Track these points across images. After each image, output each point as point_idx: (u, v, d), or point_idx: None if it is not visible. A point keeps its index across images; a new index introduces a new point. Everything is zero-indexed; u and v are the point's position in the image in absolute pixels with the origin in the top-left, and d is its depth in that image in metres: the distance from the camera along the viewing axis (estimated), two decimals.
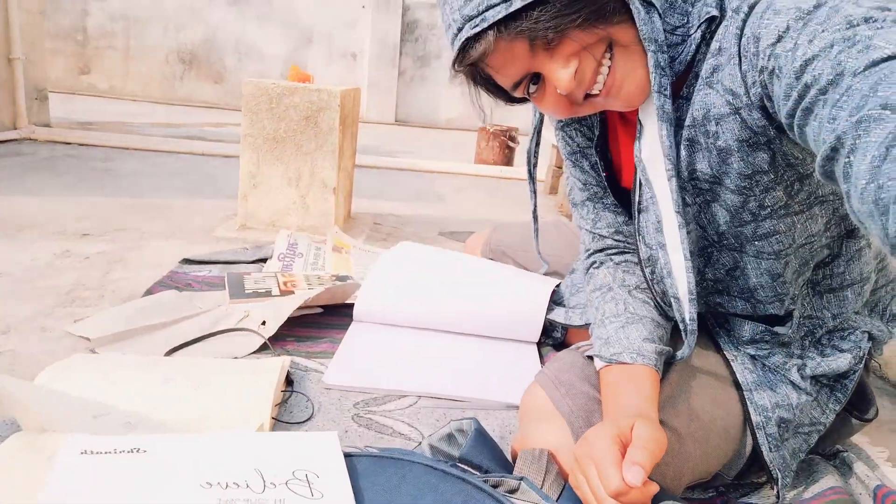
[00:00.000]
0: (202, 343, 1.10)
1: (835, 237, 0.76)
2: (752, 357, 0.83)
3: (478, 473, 0.67)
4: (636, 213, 0.78)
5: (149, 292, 1.30)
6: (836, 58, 0.50)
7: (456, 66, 0.68)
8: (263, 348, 1.09)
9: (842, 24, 0.51)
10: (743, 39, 0.61)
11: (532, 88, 0.69)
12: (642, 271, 0.82)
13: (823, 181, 0.52)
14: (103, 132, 3.54)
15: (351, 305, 1.27)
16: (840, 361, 0.81)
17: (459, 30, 0.64)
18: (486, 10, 0.61)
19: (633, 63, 0.65)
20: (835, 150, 0.47)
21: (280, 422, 0.88)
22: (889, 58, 0.46)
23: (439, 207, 2.59)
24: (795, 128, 0.55)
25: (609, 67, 0.65)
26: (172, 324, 1.15)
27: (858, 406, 0.87)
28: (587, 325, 1.13)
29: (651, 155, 0.70)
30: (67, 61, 6.40)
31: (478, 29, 0.62)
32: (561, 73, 0.64)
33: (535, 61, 0.65)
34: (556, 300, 1.25)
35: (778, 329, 0.80)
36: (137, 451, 0.56)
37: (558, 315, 1.21)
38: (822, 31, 0.52)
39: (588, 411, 0.73)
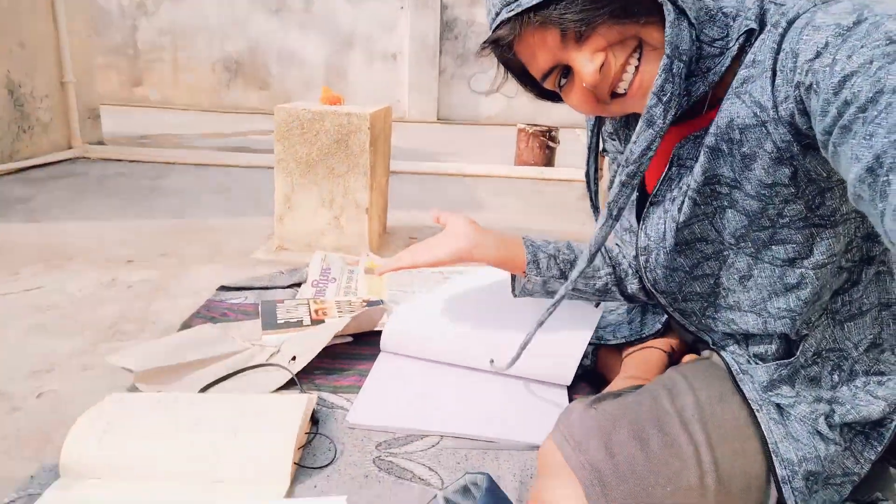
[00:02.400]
0: (233, 378, 1.13)
1: (856, 262, 0.74)
2: (778, 406, 0.80)
3: None
4: (648, 204, 0.83)
5: (185, 325, 1.34)
6: (875, 74, 0.50)
7: (489, 45, 0.73)
8: (292, 384, 1.12)
9: (882, 40, 0.51)
10: (780, 54, 0.61)
11: (562, 82, 0.73)
12: (636, 260, 0.89)
13: (854, 202, 0.51)
14: (152, 148, 3.66)
15: (380, 333, 1.28)
16: (872, 408, 0.78)
17: (497, 14, 0.70)
18: None
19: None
20: (871, 169, 0.47)
21: (303, 467, 0.89)
22: None
23: (477, 216, 2.56)
24: (830, 146, 0.54)
25: (636, 67, 0.68)
26: (210, 362, 1.19)
27: None
28: (622, 343, 1.12)
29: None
30: (121, 75, 6.64)
31: (513, 13, 0.67)
32: (587, 65, 0.68)
33: (565, 53, 0.69)
34: None
35: (788, 360, 0.78)
36: None
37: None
38: (862, 46, 0.52)
39: (598, 469, 0.72)
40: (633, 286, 1.03)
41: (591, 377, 1.20)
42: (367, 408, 1.04)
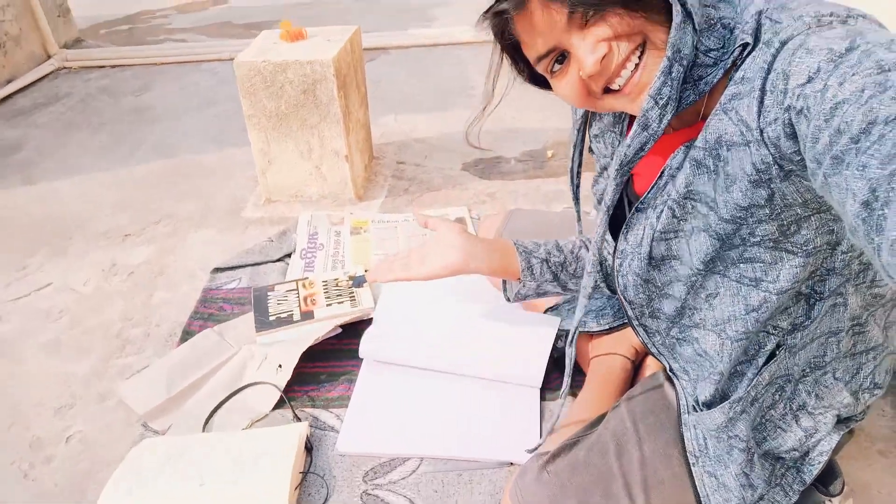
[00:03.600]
0: (231, 400, 1.24)
1: (814, 289, 0.76)
2: (717, 458, 0.86)
3: None
4: (634, 210, 0.82)
5: (186, 332, 1.43)
6: (867, 103, 0.49)
7: (490, 16, 0.72)
8: (285, 401, 1.22)
9: (873, 68, 0.51)
10: (771, 74, 0.60)
11: (555, 68, 0.73)
12: (613, 262, 0.89)
13: (850, 234, 0.52)
14: (132, 47, 3.51)
15: (367, 322, 1.36)
16: (786, 437, 0.84)
17: None
18: None
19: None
20: (867, 203, 0.47)
21: None
22: None
23: (469, 114, 2.49)
24: (821, 176, 0.54)
25: (637, 65, 0.67)
26: (210, 374, 1.30)
27: (824, 480, 0.91)
28: (605, 330, 1.18)
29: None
30: None
31: None
32: (588, 55, 0.67)
33: (567, 36, 0.68)
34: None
35: (739, 397, 0.82)
36: None
37: (572, 323, 1.24)
38: (853, 74, 0.51)
39: None
40: None
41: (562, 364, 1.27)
42: (354, 434, 1.14)
